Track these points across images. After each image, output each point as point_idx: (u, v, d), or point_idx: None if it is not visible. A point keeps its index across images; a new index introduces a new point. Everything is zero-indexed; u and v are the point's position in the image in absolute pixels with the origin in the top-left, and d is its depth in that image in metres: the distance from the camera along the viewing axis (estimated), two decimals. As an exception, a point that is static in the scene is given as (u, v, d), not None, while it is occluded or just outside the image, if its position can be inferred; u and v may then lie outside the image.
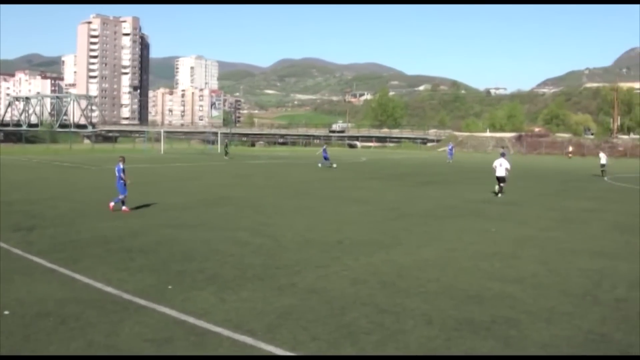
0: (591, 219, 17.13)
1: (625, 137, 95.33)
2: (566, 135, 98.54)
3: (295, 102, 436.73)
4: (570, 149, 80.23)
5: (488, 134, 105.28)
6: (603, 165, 37.35)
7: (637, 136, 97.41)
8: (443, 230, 14.28)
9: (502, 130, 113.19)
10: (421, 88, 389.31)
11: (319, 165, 40.29)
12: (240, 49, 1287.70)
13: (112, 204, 16.48)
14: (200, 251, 11.01)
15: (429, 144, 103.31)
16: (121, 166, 16.72)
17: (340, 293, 8.37)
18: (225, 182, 26.57)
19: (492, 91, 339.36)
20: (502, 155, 23.98)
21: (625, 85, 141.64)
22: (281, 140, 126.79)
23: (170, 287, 8.50)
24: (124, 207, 16.31)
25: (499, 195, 22.47)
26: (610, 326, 7.28)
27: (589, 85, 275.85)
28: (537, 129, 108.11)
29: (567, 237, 13.84)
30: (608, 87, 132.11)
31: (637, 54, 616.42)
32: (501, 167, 22.94)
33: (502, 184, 22.77)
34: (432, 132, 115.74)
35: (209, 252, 10.91)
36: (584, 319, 7.55)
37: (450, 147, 59.51)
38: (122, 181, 16.52)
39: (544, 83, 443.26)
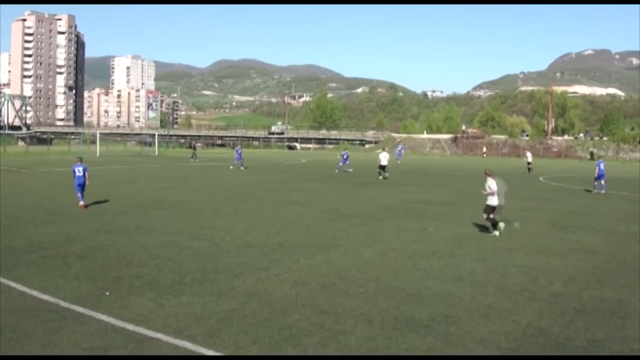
0: (528, 217, 17.71)
1: (560, 138, 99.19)
2: (502, 137, 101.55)
3: (234, 104, 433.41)
4: (484, 149, 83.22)
5: (425, 135, 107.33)
6: (529, 163, 40.91)
7: (571, 138, 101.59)
8: (382, 231, 14.46)
9: (439, 132, 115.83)
10: (359, 90, 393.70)
11: (337, 171, 38.89)
12: (178, 49, 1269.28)
13: (82, 202, 17.49)
14: (138, 256, 10.76)
15: (367, 146, 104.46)
16: (84, 166, 17.94)
17: (281, 295, 8.35)
18: (163, 185, 26.06)
19: (429, 94, 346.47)
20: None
21: (559, 89, 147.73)
22: (219, 141, 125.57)
23: (107, 293, 8.27)
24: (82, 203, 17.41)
25: None
26: (548, 321, 7.56)
27: (523, 88, 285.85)
28: (472, 131, 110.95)
29: (504, 235, 14.25)
30: (542, 91, 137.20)
31: (571, 59, 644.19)
32: None
33: None
34: (370, 134, 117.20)
35: (146, 257, 10.67)
36: (522, 314, 7.80)
37: (399, 148, 60.69)
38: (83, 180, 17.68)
39: (480, 86, 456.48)
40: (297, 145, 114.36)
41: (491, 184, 14.24)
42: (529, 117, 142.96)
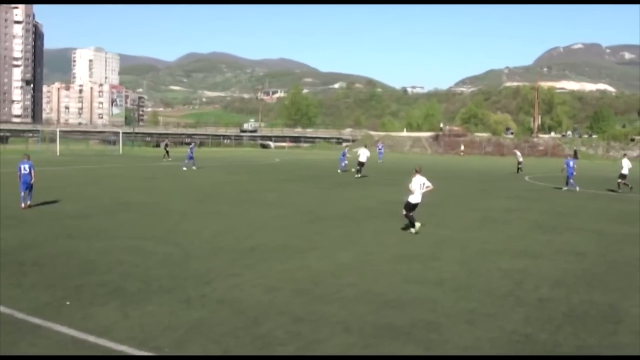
0: (513, 219, 17.92)
1: (546, 136, 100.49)
2: (485, 135, 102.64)
3: (204, 100, 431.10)
4: (462, 147, 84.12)
5: (405, 133, 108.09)
6: (520, 163, 41.15)
7: (558, 135, 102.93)
8: (360, 233, 14.49)
9: (419, 129, 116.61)
10: (336, 86, 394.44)
11: (339, 171, 38.48)
12: (144, 41, 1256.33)
13: (25, 203, 17.45)
14: (101, 263, 10.62)
15: (345, 144, 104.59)
16: (30, 163, 17.87)
17: (253, 303, 8.31)
18: (128, 186, 25.80)
19: (409, 90, 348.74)
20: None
21: (546, 84, 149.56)
22: (188, 140, 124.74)
23: (68, 303, 8.14)
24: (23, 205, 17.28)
25: None
26: (535, 326, 7.62)
27: (508, 84, 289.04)
28: (455, 128, 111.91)
29: (488, 237, 14.40)
30: (528, 86, 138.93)
31: (558, 53, 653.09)
32: None
33: None
34: (347, 132, 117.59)
35: (110, 264, 10.54)
36: (507, 319, 7.86)
37: (379, 147, 61.00)
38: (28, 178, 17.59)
39: (463, 82, 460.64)
40: (271, 143, 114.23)
41: (415, 181, 14.68)
42: (514, 114, 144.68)
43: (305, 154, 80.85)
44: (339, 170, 38.63)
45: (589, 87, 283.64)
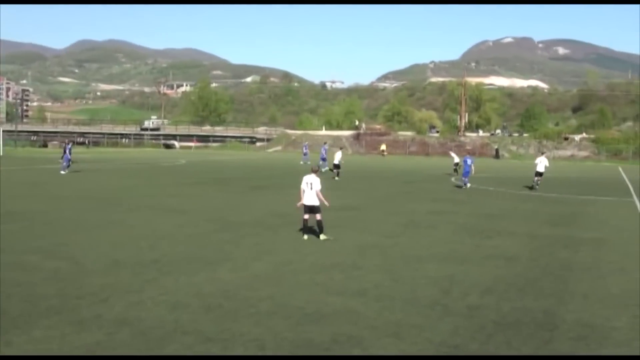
0: (438, 222, 18.41)
1: (474, 135, 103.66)
2: (409, 134, 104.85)
3: (98, 94, 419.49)
4: (384, 147, 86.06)
5: (324, 132, 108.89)
6: (456, 164, 42.37)
7: (487, 134, 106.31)
8: (276, 241, 14.51)
9: (339, 127, 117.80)
10: (248, 79, 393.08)
11: (323, 170, 39.20)
12: (29, 26, 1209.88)
13: None
14: (-24, 281, 10.14)
15: (259, 144, 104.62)
16: None
17: (157, 322, 8.16)
18: (11, 193, 24.75)
19: (328, 84, 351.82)
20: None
21: (473, 80, 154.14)
22: (81, 139, 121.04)
23: None
24: None
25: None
26: (464, 336, 7.86)
27: (434, 79, 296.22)
28: (377, 127, 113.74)
29: (413, 242, 14.73)
30: (455, 82, 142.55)
31: (487, 47, 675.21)
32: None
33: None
34: (261, 130, 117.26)
35: (-13, 282, 10.08)
36: (435, 330, 8.07)
37: (305, 146, 61.36)
38: None
39: (385, 77, 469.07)
40: (176, 143, 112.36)
41: (302, 180, 15.24)
42: (439, 112, 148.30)
43: (214, 154, 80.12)
44: (323, 170, 40.13)
45: (519, 83, 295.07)
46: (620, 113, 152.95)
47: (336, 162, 36.51)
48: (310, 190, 15.10)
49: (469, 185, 31.29)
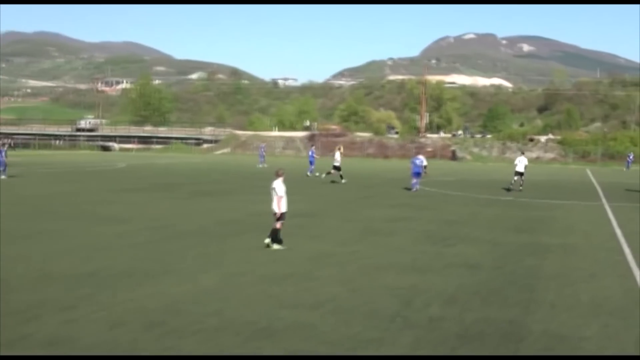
0: (398, 230, 18.55)
1: (434, 136, 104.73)
2: (366, 135, 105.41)
3: (28, 91, 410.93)
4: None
5: (276, 132, 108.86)
6: (425, 167, 43.31)
7: (448, 135, 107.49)
8: (224, 251, 14.43)
9: (292, 128, 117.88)
10: (194, 76, 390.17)
11: (309, 174, 41.57)
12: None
13: None
14: None
15: (205, 146, 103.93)
16: None
17: (93, 341, 8.03)
18: None
19: (281, 82, 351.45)
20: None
21: (434, 78, 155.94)
22: (8, 140, 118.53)
23: None
24: None
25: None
26: (426, 349, 7.93)
27: (392, 77, 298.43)
28: (332, 127, 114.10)
29: (371, 251, 14.81)
30: (414, 80, 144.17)
31: (448, 44, 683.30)
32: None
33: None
34: (208, 131, 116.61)
35: None
36: (395, 344, 8.12)
37: (262, 147, 61.60)
38: None
39: (341, 74, 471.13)
40: (115, 145, 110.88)
41: (278, 186, 14.96)
42: (398, 111, 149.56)
43: (157, 157, 79.33)
44: (308, 173, 42.96)
45: (482, 81, 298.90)
46: (587, 113, 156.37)
47: (337, 163, 37.32)
48: (275, 196, 15.02)
49: (418, 187, 32.18)
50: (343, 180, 36.45)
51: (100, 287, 10.85)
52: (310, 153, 46.93)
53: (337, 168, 37.09)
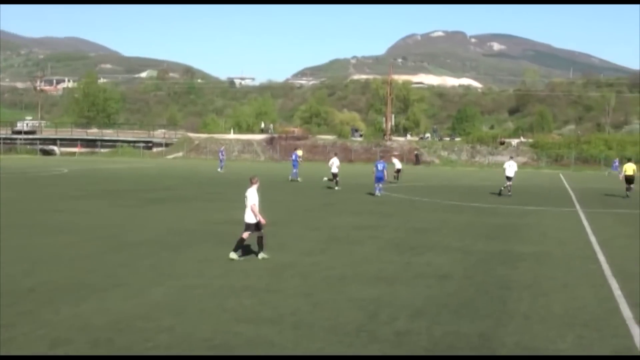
0: (364, 238, 18.62)
1: (401, 139, 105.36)
2: (330, 137, 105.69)
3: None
4: (300, 153, 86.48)
5: (232, 135, 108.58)
6: (398, 171, 43.98)
7: (415, 138, 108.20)
8: (178, 263, 14.34)
9: (250, 130, 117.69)
10: (144, 75, 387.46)
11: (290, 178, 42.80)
12: None
13: None
14: None
15: (156, 149, 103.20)
16: None
17: (34, 360, 7.92)
18: None
19: (237, 81, 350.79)
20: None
21: (400, 77, 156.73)
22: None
23: None
24: None
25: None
26: (392, 366, 7.95)
27: (356, 77, 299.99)
28: (293, 130, 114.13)
29: (335, 261, 14.83)
30: (380, 80, 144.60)
31: (415, 41, 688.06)
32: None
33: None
34: (159, 134, 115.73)
35: None
36: (359, 360, 8.14)
37: (221, 151, 61.87)
38: None
39: (302, 73, 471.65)
40: (56, 149, 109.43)
41: (252, 194, 15.01)
42: (363, 113, 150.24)
43: (103, 161, 78.58)
44: (290, 177, 44.01)
45: (451, 81, 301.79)
46: (561, 115, 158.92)
47: (335, 170, 38.25)
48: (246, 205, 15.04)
49: (380, 193, 33.16)
50: (337, 188, 37.26)
51: (41, 302, 10.70)
52: (293, 157, 47.11)
53: (335, 175, 38.07)
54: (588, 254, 16.82)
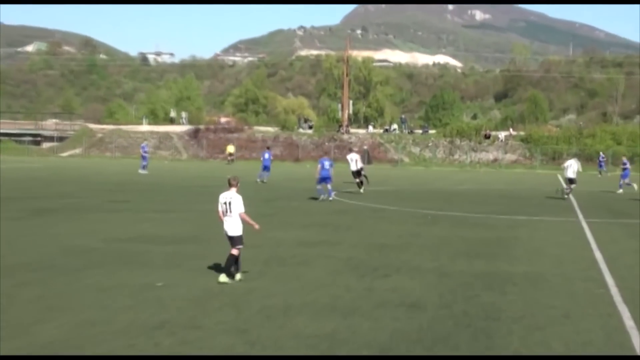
0: (313, 258, 18.55)
1: (362, 132, 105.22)
2: (271, 130, 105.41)
3: None
4: (232, 149, 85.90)
5: (146, 127, 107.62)
6: (361, 170, 44.26)
7: (379, 130, 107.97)
8: (74, 292, 14.13)
9: (169, 121, 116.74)
10: (30, 48, 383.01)
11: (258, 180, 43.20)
12: None
13: None
14: None
15: (47, 145, 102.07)
16: None
17: None
18: None
19: (152, 57, 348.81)
20: None
21: (360, 54, 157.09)
22: None
23: None
24: None
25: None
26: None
27: (304, 52, 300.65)
28: (224, 120, 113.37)
29: (277, 287, 14.74)
30: (334, 57, 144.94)
31: (378, 9, 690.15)
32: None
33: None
34: (51, 124, 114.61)
35: None
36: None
37: (144, 147, 61.45)
38: None
39: (235, 47, 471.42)
40: None
41: (237, 200, 15.53)
42: (313, 99, 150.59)
43: (-22, 161, 77.35)
44: (257, 180, 45.75)
45: (423, 59, 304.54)
46: (559, 102, 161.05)
47: (355, 168, 39.14)
48: (230, 213, 15.43)
49: (330, 197, 34.06)
50: (361, 191, 38.70)
51: None
52: (267, 156, 47.19)
53: (357, 173, 39.04)
54: (593, 275, 16.94)
